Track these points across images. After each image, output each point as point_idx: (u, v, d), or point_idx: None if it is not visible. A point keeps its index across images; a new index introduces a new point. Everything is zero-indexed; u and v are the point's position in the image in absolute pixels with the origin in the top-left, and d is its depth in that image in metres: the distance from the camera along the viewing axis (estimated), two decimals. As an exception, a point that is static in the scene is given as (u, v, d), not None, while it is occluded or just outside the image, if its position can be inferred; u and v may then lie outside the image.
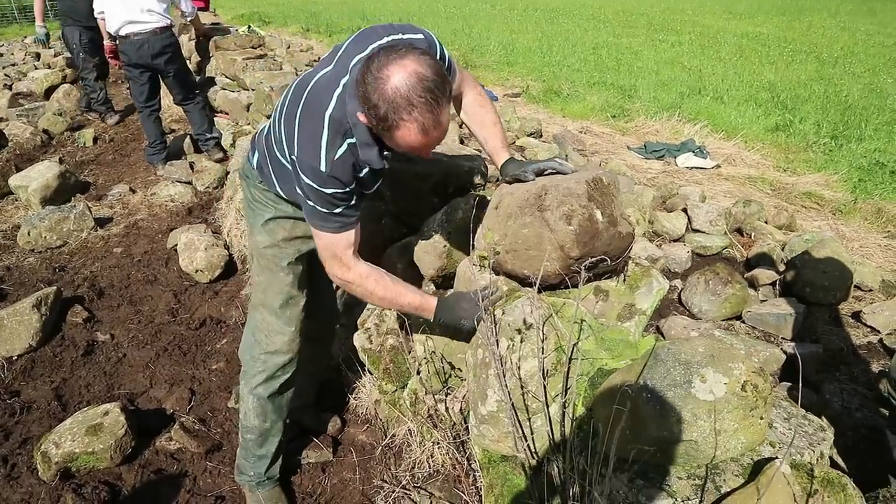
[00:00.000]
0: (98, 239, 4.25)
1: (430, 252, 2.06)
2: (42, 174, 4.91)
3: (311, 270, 2.08)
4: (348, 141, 1.60)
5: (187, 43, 7.90)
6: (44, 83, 8.97)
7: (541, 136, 6.54)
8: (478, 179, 2.32)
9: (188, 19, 6.16)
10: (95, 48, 6.33)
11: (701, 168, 5.99)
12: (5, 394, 2.83)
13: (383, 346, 2.28)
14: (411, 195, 2.27)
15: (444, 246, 2.03)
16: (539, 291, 1.66)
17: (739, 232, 4.30)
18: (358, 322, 2.42)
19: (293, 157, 1.64)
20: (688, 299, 3.33)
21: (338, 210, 1.66)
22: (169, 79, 5.09)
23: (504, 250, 1.72)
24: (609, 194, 1.75)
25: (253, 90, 4.80)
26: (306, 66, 10.06)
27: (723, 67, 10.14)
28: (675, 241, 4.22)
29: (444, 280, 2.13)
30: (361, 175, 1.67)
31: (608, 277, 1.87)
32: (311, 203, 1.66)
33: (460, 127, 5.53)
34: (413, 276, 2.22)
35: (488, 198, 2.06)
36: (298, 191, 1.69)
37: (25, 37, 19.61)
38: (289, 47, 12.48)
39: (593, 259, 1.66)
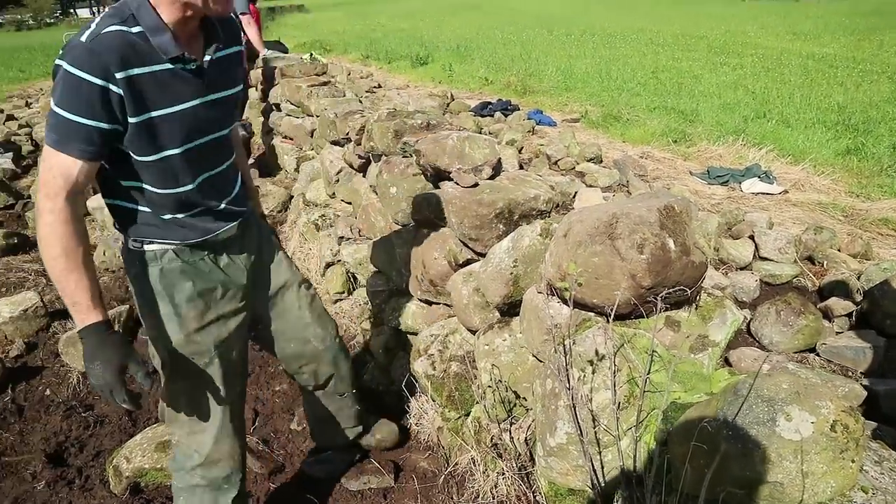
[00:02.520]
0: (168, 260, 4.40)
1: (496, 279, 2.05)
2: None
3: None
4: (126, 28, 1.43)
5: (254, 70, 8.19)
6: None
7: (601, 161, 6.48)
8: (543, 206, 2.30)
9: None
10: None
11: (767, 194, 5.81)
12: (80, 407, 2.94)
13: (447, 372, 2.28)
14: (477, 222, 2.27)
15: (511, 273, 2.02)
16: (608, 320, 1.63)
17: (810, 260, 4.14)
18: (420, 348, 2.42)
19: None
20: (757, 330, 3.22)
21: (69, 116, 1.40)
22: None
23: (575, 272, 1.70)
24: (682, 222, 1.71)
25: (317, 116, 4.92)
26: (367, 91, 10.30)
27: (788, 90, 9.88)
28: (741, 269, 4.09)
29: (510, 308, 2.11)
30: (139, 73, 1.44)
31: (679, 307, 1.82)
32: (52, 102, 1.42)
33: (519, 152, 5.54)
34: (480, 302, 2.21)
35: (555, 225, 2.04)
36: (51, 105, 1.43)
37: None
38: (349, 74, 12.79)
39: (666, 289, 1.62)
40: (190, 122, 1.58)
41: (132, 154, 1.52)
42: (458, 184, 2.36)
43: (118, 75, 1.41)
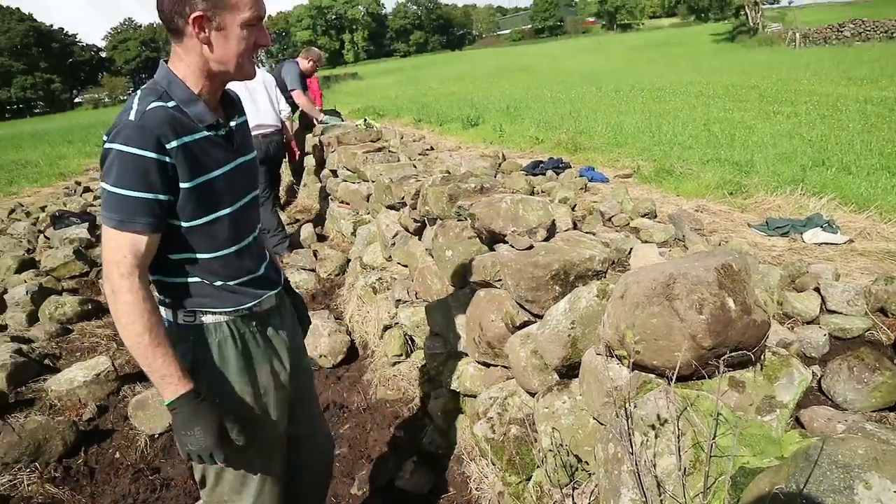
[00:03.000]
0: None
1: (553, 341, 2.06)
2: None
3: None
4: (164, 103, 1.53)
5: (311, 139, 8.52)
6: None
7: (655, 216, 6.44)
8: (598, 266, 2.31)
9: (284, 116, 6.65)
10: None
11: (831, 244, 5.64)
12: (147, 470, 3.02)
13: (506, 435, 2.27)
14: (532, 284, 2.29)
15: (569, 335, 2.03)
16: (669, 382, 1.61)
17: (883, 312, 3.97)
18: (479, 411, 2.42)
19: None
20: (829, 387, 3.09)
21: (132, 193, 1.46)
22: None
23: (633, 341, 1.70)
24: (741, 280, 1.69)
25: (373, 181, 5.09)
26: (419, 154, 10.56)
27: (847, 136, 9.67)
28: (808, 323, 3.95)
29: (569, 370, 2.11)
30: (185, 140, 1.53)
31: (743, 367, 1.79)
32: (107, 184, 1.48)
33: (573, 210, 5.57)
34: (538, 364, 2.21)
35: (612, 285, 2.05)
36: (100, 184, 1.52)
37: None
38: (402, 137, 13.16)
39: (728, 350, 1.60)
40: (231, 183, 1.66)
41: (182, 222, 1.57)
42: (513, 246, 2.40)
43: (168, 147, 1.48)
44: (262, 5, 1.56)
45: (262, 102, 5.48)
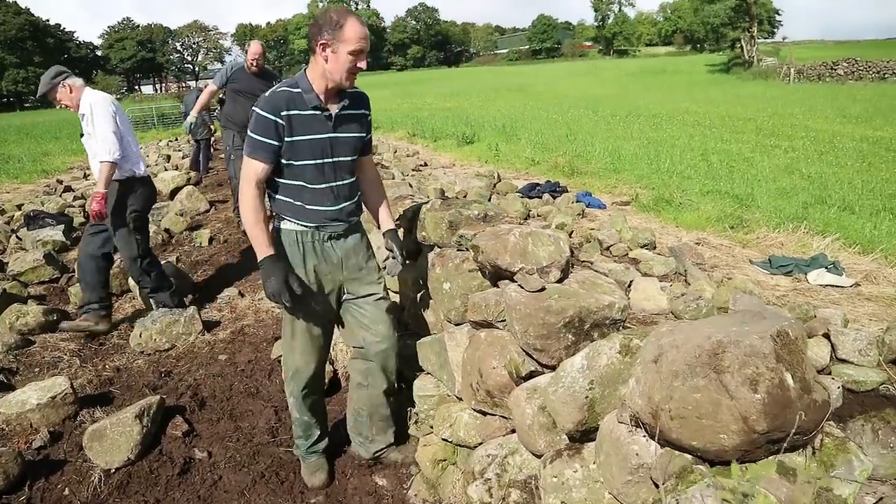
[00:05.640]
0: (204, 344, 4.24)
1: (567, 403, 1.78)
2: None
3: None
4: (292, 89, 2.42)
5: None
6: (170, 185, 9.62)
7: (654, 247, 6.21)
8: (617, 315, 2.05)
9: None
10: None
11: (837, 286, 5.43)
12: (98, 510, 2.71)
13: (505, 501, 1.99)
14: (543, 331, 2.02)
15: (586, 397, 1.76)
16: (711, 465, 1.35)
17: (897, 364, 3.74)
18: (475, 470, 2.14)
19: None
20: (852, 451, 2.84)
21: (257, 137, 2.38)
22: None
23: (668, 416, 1.43)
24: (798, 351, 1.44)
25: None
26: (413, 170, 10.30)
27: (846, 174, 9.54)
28: (818, 371, 3.72)
29: (584, 434, 1.83)
30: (294, 113, 2.39)
31: (793, 450, 1.53)
32: (249, 132, 2.42)
33: (570, 236, 5.35)
34: (546, 423, 1.94)
35: (636, 341, 1.79)
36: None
37: (160, 140, 21.58)
38: (395, 151, 12.94)
39: (784, 435, 1.34)
40: (322, 146, 2.48)
41: (286, 161, 2.46)
42: (521, 287, 2.13)
43: (282, 114, 2.38)
44: (365, 43, 2.34)
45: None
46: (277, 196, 2.54)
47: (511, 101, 28.70)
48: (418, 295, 3.14)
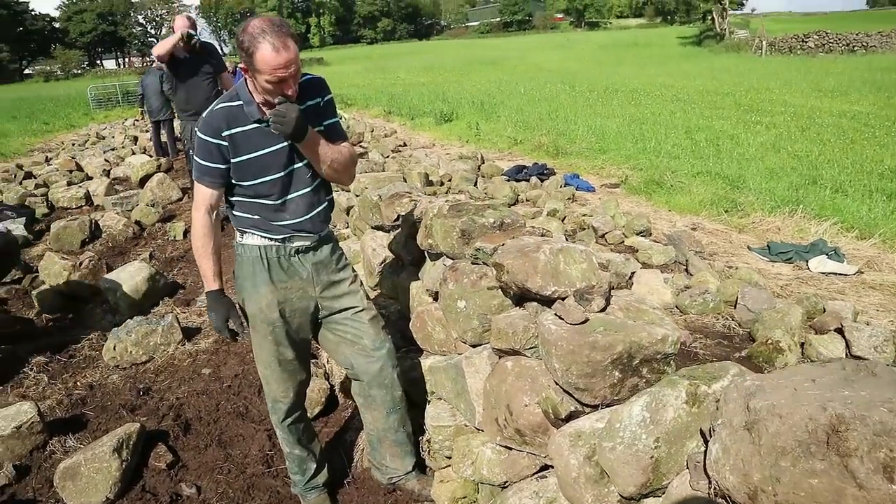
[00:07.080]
0: (185, 355, 3.91)
1: (629, 463, 1.54)
2: (132, 276, 4.73)
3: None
4: (231, 103, 2.20)
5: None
6: (139, 171, 9.12)
7: (650, 234, 6.01)
8: (671, 349, 1.81)
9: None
10: None
11: (840, 274, 5.28)
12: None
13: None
14: (588, 369, 1.77)
15: (651, 457, 1.52)
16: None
17: (918, 363, 3.59)
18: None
19: None
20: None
21: (201, 161, 2.23)
22: None
23: (773, 500, 1.19)
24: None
25: (357, 195, 4.47)
26: (392, 151, 9.92)
27: (832, 152, 9.43)
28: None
29: (643, 496, 1.60)
30: (236, 131, 2.19)
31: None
32: (193, 154, 2.29)
33: (563, 222, 5.12)
34: (594, 475, 1.69)
35: (703, 387, 1.54)
36: None
37: (126, 119, 20.78)
38: (373, 131, 12.52)
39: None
40: (273, 160, 2.25)
41: (236, 181, 2.27)
42: (559, 317, 1.87)
43: (223, 134, 2.19)
44: (283, 72, 2.04)
45: None
46: (235, 212, 2.36)
47: (486, 76, 28.21)
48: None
